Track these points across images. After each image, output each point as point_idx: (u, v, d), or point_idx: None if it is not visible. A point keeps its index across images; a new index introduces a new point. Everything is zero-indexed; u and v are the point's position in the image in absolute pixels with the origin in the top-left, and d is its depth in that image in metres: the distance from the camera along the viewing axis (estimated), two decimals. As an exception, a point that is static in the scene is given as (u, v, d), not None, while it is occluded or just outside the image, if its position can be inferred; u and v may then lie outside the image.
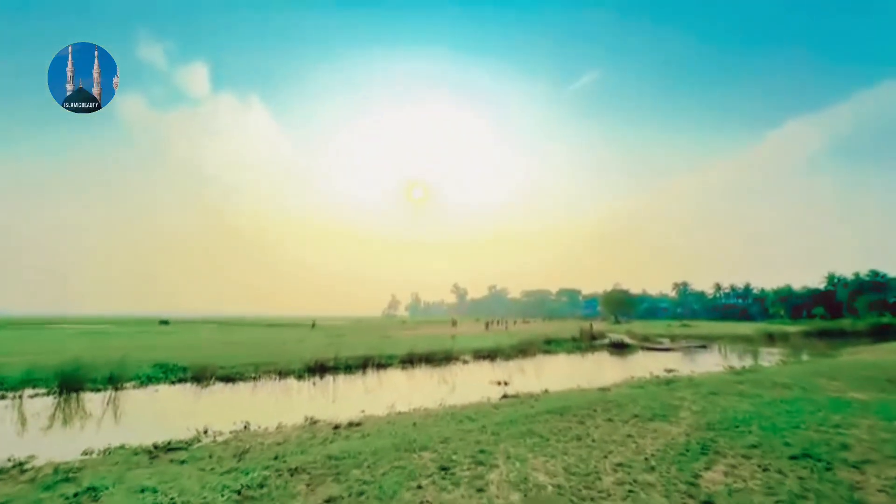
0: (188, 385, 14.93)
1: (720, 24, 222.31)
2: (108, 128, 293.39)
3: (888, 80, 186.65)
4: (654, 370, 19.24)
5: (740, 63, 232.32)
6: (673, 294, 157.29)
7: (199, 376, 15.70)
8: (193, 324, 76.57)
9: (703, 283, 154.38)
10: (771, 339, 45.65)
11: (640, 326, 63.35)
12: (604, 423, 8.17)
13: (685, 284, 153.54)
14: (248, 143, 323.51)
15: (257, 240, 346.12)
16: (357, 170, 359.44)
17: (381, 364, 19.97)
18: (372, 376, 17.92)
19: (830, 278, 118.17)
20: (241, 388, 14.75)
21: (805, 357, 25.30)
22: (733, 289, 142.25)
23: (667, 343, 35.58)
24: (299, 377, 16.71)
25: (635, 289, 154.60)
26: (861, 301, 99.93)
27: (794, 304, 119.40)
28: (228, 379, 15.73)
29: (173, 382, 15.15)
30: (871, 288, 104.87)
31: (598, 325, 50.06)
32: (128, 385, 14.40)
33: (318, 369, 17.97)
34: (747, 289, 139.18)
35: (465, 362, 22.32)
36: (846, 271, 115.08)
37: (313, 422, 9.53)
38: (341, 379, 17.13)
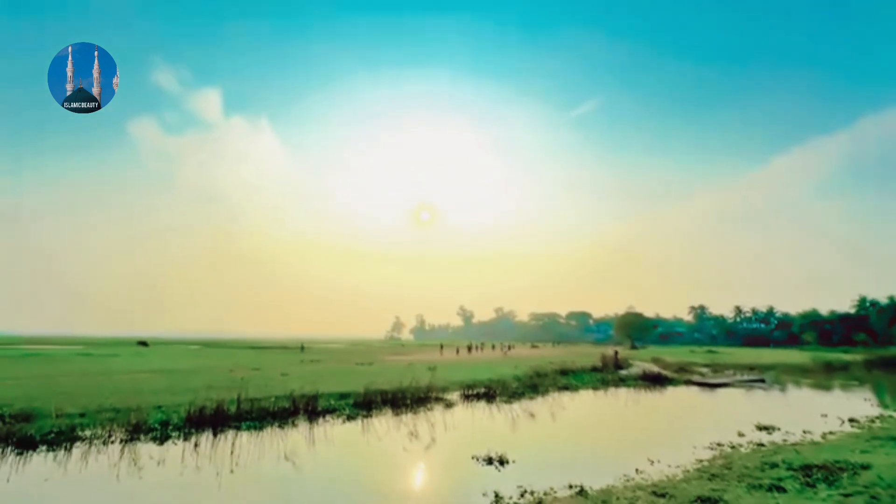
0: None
1: (726, 49, 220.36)
2: (123, 151, 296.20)
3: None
4: (741, 425, 12.28)
5: (749, 87, 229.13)
6: (689, 318, 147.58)
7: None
8: (173, 345, 70.15)
9: (718, 306, 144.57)
10: (830, 369, 38.10)
11: (662, 353, 55.66)
12: None
13: (702, 308, 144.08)
14: (259, 166, 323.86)
15: (267, 262, 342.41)
16: (365, 193, 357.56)
17: (320, 411, 13.30)
18: (292, 433, 11.28)
19: (862, 302, 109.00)
20: (25, 465, 8.17)
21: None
22: (755, 312, 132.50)
23: (712, 376, 28.33)
24: (161, 439, 10.07)
25: (647, 312, 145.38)
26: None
27: (822, 329, 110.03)
28: (27, 442, 9.15)
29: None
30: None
31: (619, 352, 42.81)
32: None
33: (211, 421, 11.36)
34: (770, 312, 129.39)
35: (449, 405, 15.53)
36: (865, 295, 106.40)
37: None
38: (242, 438, 10.54)
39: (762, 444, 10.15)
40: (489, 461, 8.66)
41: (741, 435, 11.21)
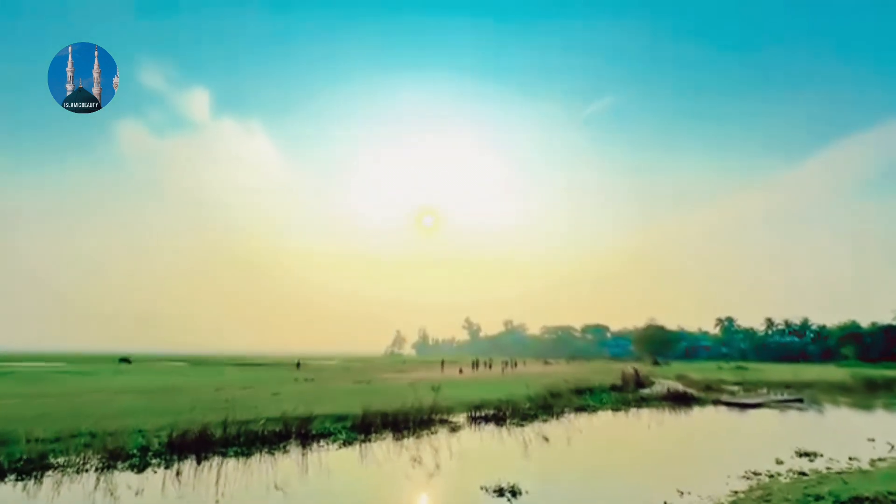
0: None
1: (753, 37, 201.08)
2: (107, 153, 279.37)
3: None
4: (778, 451, 10.94)
5: (779, 80, 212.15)
6: (716, 331, 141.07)
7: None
8: (158, 362, 67.77)
9: (747, 318, 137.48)
10: (872, 386, 35.33)
11: (687, 370, 52.83)
12: None
13: (730, 320, 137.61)
14: (250, 169, 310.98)
15: (260, 271, 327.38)
16: (365, 198, 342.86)
17: (315, 434, 12.50)
18: (283, 460, 10.52)
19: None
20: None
21: None
22: (788, 324, 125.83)
23: (743, 395, 26.41)
24: (140, 467, 9.42)
25: (670, 325, 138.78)
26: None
27: (862, 342, 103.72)
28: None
29: None
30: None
31: (641, 369, 40.74)
32: None
33: (194, 446, 10.68)
34: (805, 324, 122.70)
35: (455, 428, 14.52)
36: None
37: None
38: (228, 466, 9.83)
39: (804, 473, 8.92)
40: (500, 492, 7.73)
41: (779, 462, 9.94)
